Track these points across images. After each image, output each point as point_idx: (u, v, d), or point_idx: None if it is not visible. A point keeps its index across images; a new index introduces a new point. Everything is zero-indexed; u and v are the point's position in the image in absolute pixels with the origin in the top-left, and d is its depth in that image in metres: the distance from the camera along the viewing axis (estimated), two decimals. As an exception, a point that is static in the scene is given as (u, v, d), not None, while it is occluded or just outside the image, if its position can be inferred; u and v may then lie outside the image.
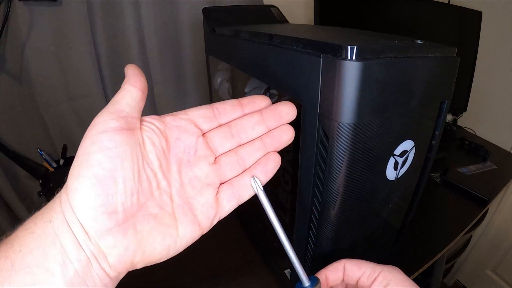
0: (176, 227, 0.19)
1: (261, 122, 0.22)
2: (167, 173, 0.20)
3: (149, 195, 0.19)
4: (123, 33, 0.72)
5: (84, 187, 0.16)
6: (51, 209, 0.17)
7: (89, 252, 0.16)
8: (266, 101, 0.23)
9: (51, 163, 0.70)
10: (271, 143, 0.23)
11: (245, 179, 0.22)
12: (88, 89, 0.74)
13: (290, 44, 0.28)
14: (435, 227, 0.61)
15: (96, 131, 0.17)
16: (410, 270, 0.51)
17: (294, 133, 0.23)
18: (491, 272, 1.12)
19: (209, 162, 0.21)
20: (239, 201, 0.22)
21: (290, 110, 0.23)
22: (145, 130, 0.20)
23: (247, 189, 0.22)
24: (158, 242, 0.18)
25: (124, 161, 0.17)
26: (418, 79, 0.25)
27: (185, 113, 0.22)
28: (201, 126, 0.22)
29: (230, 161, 0.22)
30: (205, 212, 0.20)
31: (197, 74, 0.85)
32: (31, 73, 0.67)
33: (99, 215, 0.16)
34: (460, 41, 0.85)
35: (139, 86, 0.20)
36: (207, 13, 0.49)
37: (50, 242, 0.16)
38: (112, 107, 0.19)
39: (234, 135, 0.22)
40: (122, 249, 0.17)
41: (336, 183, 0.26)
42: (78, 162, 0.17)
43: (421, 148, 0.30)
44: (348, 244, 0.33)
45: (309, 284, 0.22)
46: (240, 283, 0.48)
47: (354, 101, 0.22)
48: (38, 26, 0.64)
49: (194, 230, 0.20)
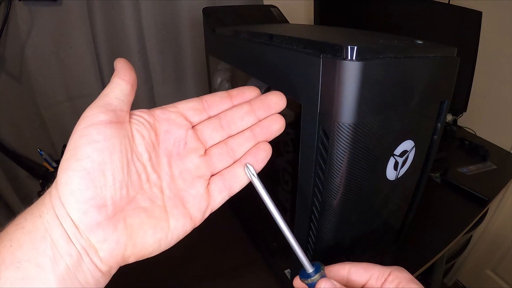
0: (167, 220, 0.19)
1: (250, 113, 0.22)
2: (157, 166, 0.20)
3: (138, 188, 0.19)
4: (123, 33, 0.72)
5: (73, 180, 0.16)
6: (41, 204, 0.17)
7: (79, 246, 0.16)
8: (255, 92, 0.23)
9: (51, 163, 0.70)
10: (261, 133, 0.22)
11: (235, 170, 0.22)
12: (88, 89, 0.74)
13: (290, 44, 0.28)
14: (435, 227, 0.61)
15: (85, 124, 0.17)
16: (410, 270, 0.50)
17: (284, 122, 0.23)
18: (491, 272, 1.12)
19: (199, 154, 0.21)
20: (230, 192, 0.22)
21: (280, 100, 0.23)
22: (134, 123, 0.20)
23: (238, 180, 0.22)
24: (149, 236, 0.18)
25: (113, 154, 0.17)
26: (418, 79, 0.25)
27: (174, 106, 0.22)
28: (190, 118, 0.22)
29: (220, 152, 0.22)
30: (197, 205, 0.20)
31: (197, 74, 0.85)
32: (31, 73, 0.67)
33: (89, 208, 0.16)
34: (460, 41, 0.85)
35: (128, 80, 0.20)
36: (207, 13, 0.49)
37: (41, 236, 0.16)
38: (101, 100, 0.19)
39: (224, 127, 0.22)
40: (112, 243, 0.17)
41: (336, 183, 0.26)
42: (67, 156, 0.17)
43: (421, 148, 0.30)
44: (348, 244, 0.33)
45: (312, 271, 0.21)
46: (240, 283, 0.48)
47: (354, 101, 0.22)
48: (38, 26, 0.64)
49: (185, 223, 0.20)
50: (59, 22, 0.65)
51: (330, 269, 0.24)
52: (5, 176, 0.70)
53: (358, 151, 0.24)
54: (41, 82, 0.69)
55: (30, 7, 0.62)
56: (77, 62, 0.70)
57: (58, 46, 0.67)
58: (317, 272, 0.21)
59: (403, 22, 0.79)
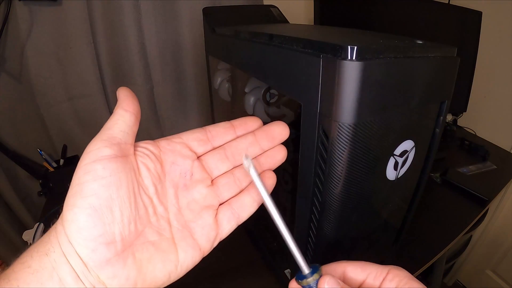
0: (176, 252, 0.19)
1: (254, 144, 0.23)
2: (163, 198, 0.20)
3: (146, 222, 0.19)
4: (123, 33, 0.72)
5: (80, 218, 0.16)
6: (47, 242, 0.17)
7: (88, 284, 0.16)
8: (257, 123, 0.24)
9: (51, 163, 0.70)
10: (265, 162, 0.23)
11: (243, 199, 0.22)
12: (88, 89, 0.74)
13: (290, 44, 0.28)
14: (435, 227, 0.61)
15: (90, 159, 0.17)
16: (410, 270, 0.50)
17: (286, 152, 0.24)
18: (491, 272, 1.12)
19: (206, 184, 0.21)
20: (238, 221, 0.22)
21: (283, 130, 0.23)
22: (139, 155, 0.19)
23: (246, 208, 0.22)
24: (158, 269, 0.18)
25: (119, 189, 0.17)
26: (418, 79, 0.25)
27: (178, 137, 0.22)
28: (195, 149, 0.22)
29: (227, 182, 0.22)
30: (206, 235, 0.20)
31: (197, 74, 0.85)
32: (31, 73, 0.67)
33: (98, 246, 0.16)
34: (460, 41, 0.85)
35: (132, 110, 0.19)
36: (207, 13, 0.49)
37: (48, 276, 0.16)
38: (104, 133, 0.18)
39: (229, 157, 0.22)
40: (122, 279, 0.17)
41: (336, 183, 0.25)
42: (72, 193, 0.16)
43: (421, 148, 0.30)
44: (348, 243, 0.33)
45: (309, 272, 0.20)
46: (240, 283, 0.48)
47: (354, 101, 0.22)
48: (38, 26, 0.64)
49: (194, 255, 0.20)
50: (59, 22, 0.65)
51: (326, 269, 0.23)
52: (5, 176, 0.70)
53: (358, 151, 0.24)
54: (41, 82, 0.69)
55: (30, 7, 0.62)
56: (77, 62, 0.70)
57: (58, 46, 0.67)
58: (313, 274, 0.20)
59: (403, 22, 0.79)
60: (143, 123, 0.85)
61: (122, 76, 0.76)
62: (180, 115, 0.90)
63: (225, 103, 0.53)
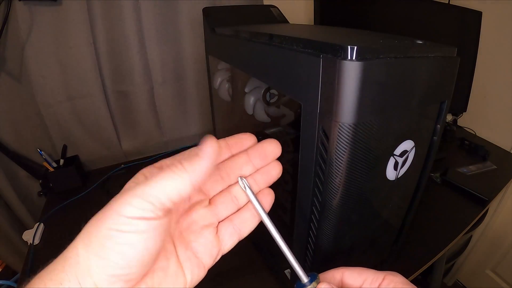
0: (183, 275, 0.20)
1: (248, 163, 0.23)
2: None
3: None
4: (123, 33, 0.72)
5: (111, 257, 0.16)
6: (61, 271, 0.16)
7: None
8: (252, 140, 0.24)
9: (51, 163, 0.70)
10: (261, 179, 0.23)
11: (244, 215, 0.23)
12: (88, 89, 0.74)
13: (290, 44, 0.28)
14: (435, 227, 0.61)
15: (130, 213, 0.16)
16: (410, 270, 0.51)
17: (281, 168, 0.24)
18: (491, 272, 1.12)
19: (204, 205, 0.22)
20: (240, 236, 0.23)
21: (275, 148, 0.23)
22: None
23: (247, 224, 0.23)
24: None
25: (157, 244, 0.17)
26: (418, 79, 0.25)
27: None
28: None
29: (224, 200, 0.23)
30: (208, 252, 0.21)
31: (197, 74, 0.85)
32: (31, 73, 0.67)
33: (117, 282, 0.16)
34: (460, 41, 0.85)
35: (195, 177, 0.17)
36: (207, 13, 0.49)
37: None
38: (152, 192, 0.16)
39: (224, 177, 0.23)
40: None
41: (336, 183, 0.25)
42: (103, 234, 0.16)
43: (421, 148, 0.30)
44: (348, 244, 0.33)
45: (307, 281, 0.21)
46: (240, 283, 0.48)
47: (354, 101, 0.22)
48: (38, 26, 0.64)
49: (200, 273, 0.21)
50: (59, 22, 0.65)
51: (325, 276, 0.24)
52: (5, 176, 0.70)
53: (358, 151, 0.24)
54: (41, 82, 0.69)
55: (30, 7, 0.62)
56: (77, 62, 0.70)
57: (58, 46, 0.67)
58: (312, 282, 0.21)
59: (403, 22, 0.79)
60: (143, 124, 0.86)
61: (122, 76, 0.76)
62: (180, 115, 0.90)
63: (225, 103, 0.53)
